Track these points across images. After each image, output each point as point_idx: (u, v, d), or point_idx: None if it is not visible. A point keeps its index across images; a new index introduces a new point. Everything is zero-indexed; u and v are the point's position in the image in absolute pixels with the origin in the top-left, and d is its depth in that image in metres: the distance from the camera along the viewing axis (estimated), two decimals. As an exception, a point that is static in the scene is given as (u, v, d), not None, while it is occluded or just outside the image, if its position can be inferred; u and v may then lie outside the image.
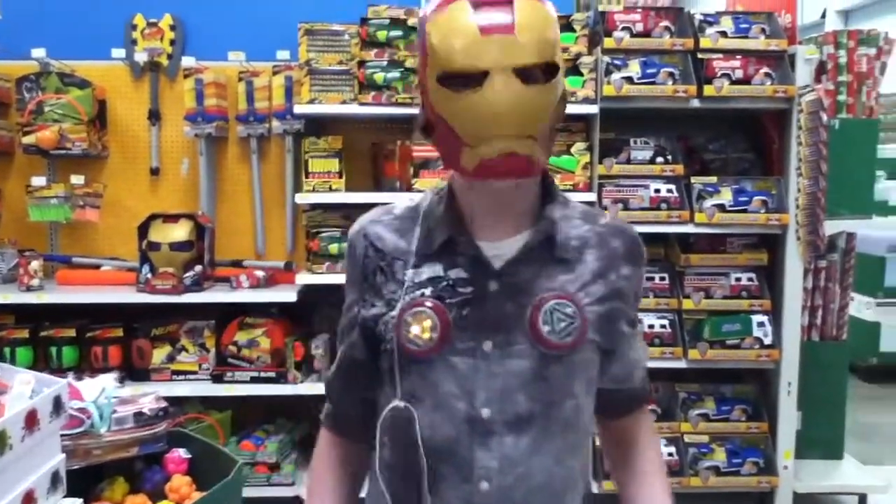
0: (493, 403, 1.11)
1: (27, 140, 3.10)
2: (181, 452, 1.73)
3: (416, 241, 1.17)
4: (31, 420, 1.19)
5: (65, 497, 1.30)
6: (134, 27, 3.32)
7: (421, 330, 1.10)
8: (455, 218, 1.15)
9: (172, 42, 3.34)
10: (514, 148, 1.04)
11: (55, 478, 1.26)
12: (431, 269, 1.14)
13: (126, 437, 1.64)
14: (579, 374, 1.14)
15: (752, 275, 3.16)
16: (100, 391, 1.62)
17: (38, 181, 3.12)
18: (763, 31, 3.04)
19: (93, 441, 1.59)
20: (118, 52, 3.27)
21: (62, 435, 1.45)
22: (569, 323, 1.10)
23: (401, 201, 1.25)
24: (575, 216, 1.20)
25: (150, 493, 1.72)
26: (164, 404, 1.72)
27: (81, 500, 1.29)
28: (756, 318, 3.11)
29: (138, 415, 1.66)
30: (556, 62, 1.08)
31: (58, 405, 1.25)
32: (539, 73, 1.06)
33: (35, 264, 3.02)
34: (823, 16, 8.34)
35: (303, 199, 3.04)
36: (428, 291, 1.12)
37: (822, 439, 3.34)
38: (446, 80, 1.06)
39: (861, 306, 5.42)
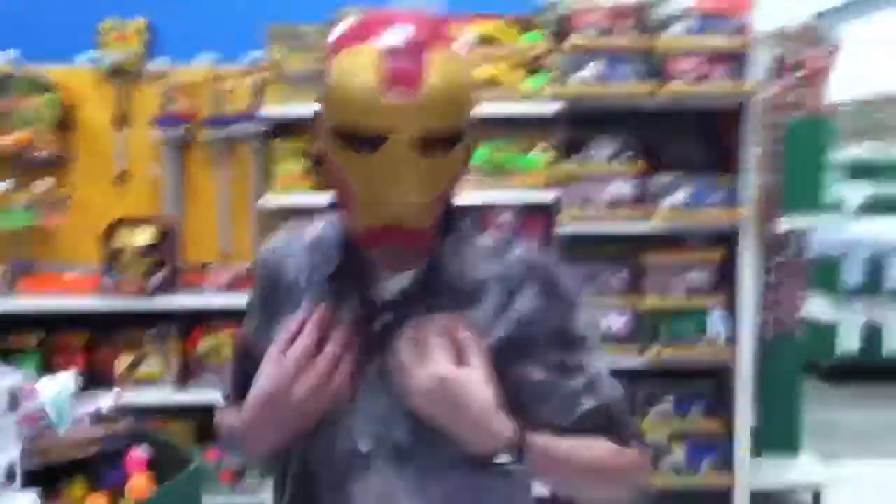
0: (373, 434, 1.07)
1: (-8, 145, 3.10)
2: (141, 451, 1.75)
3: (311, 270, 1.14)
4: (-15, 415, 1.21)
5: (20, 491, 1.32)
6: (103, 31, 3.32)
7: None
8: (349, 250, 1.11)
9: (144, 44, 3.34)
10: (401, 220, 1.00)
11: (10, 472, 1.29)
12: (328, 297, 1.11)
13: (85, 436, 1.66)
14: None
15: (709, 272, 3.20)
16: (58, 389, 1.64)
17: (2, 186, 3.11)
18: (721, 30, 3.09)
19: (50, 440, 1.61)
20: (86, 56, 3.28)
21: (20, 433, 1.47)
22: None
23: (309, 226, 1.21)
24: (479, 254, 1.13)
25: (111, 492, 1.74)
26: (123, 403, 1.74)
27: (36, 493, 1.31)
28: (712, 315, 3.15)
29: (97, 413, 1.68)
30: (463, 130, 1.02)
31: (14, 400, 1.28)
32: (442, 141, 0.99)
33: (-2, 271, 3.01)
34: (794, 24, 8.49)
35: (270, 201, 3.06)
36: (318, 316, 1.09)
37: (779, 435, 3.39)
38: (340, 131, 1.00)
39: (819, 306, 5.52)
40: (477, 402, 1.02)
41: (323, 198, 1.19)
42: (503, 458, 1.04)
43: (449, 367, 1.02)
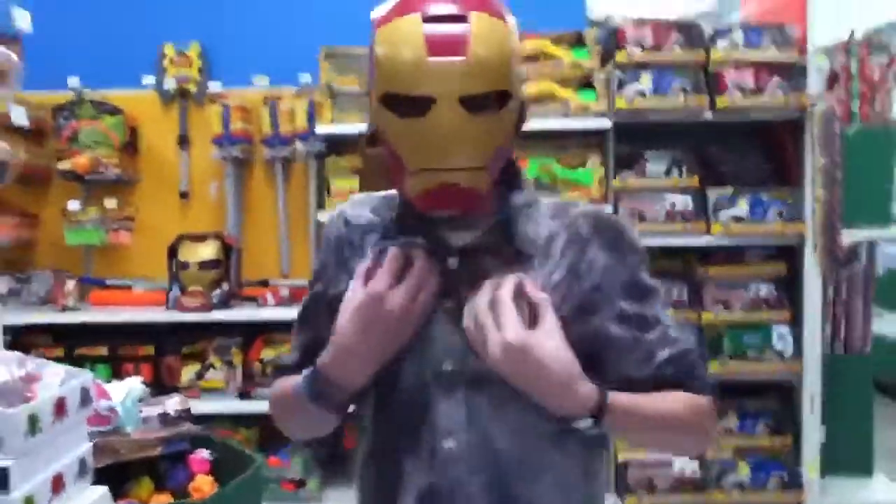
0: (454, 357, 1.09)
1: (63, 166, 3.24)
2: (204, 453, 1.80)
3: (385, 220, 1.17)
4: (61, 407, 1.26)
5: (92, 485, 1.37)
6: (163, 56, 3.46)
7: None
8: (413, 210, 1.13)
9: (200, 69, 3.47)
10: (457, 180, 1.02)
11: (83, 465, 1.33)
12: (396, 241, 1.13)
13: (151, 437, 1.71)
14: None
15: (772, 286, 3.15)
16: (126, 392, 1.69)
17: (74, 205, 3.25)
18: (774, 42, 3.08)
19: (119, 440, 1.66)
20: (148, 80, 3.43)
21: (91, 433, 1.53)
22: None
23: (372, 196, 1.25)
24: (542, 211, 1.15)
25: (174, 492, 1.79)
26: (187, 406, 1.78)
27: (106, 488, 1.36)
28: (776, 330, 3.10)
29: (163, 416, 1.73)
30: (509, 90, 1.03)
31: (85, 396, 1.33)
32: (490, 100, 1.01)
33: (70, 285, 3.14)
34: (852, 35, 8.37)
35: (325, 217, 3.12)
36: (398, 249, 1.10)
37: (849, 455, 3.29)
38: (389, 100, 1.02)
39: (890, 323, 5.35)
40: (555, 367, 1.01)
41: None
42: (584, 422, 1.04)
43: (525, 334, 1.01)
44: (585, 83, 3.06)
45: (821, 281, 3.09)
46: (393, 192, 1.19)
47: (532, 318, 1.03)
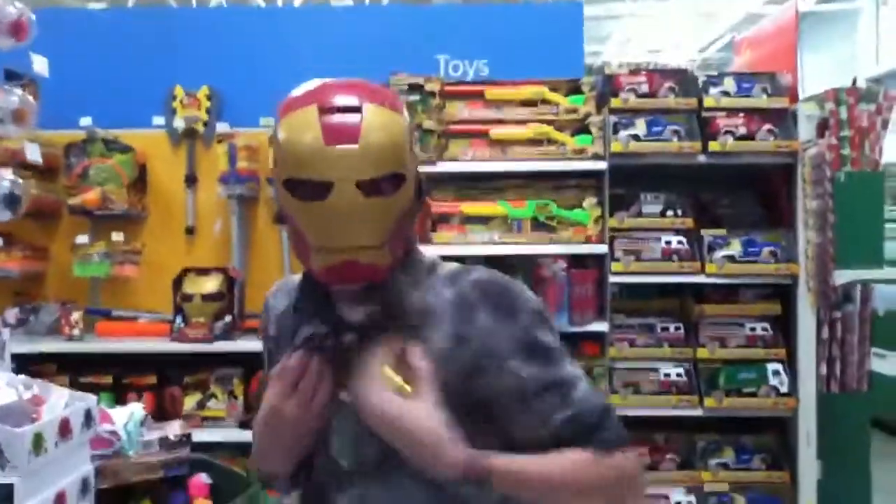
0: (349, 453, 1.18)
1: (73, 201, 3.33)
2: (203, 477, 1.84)
3: (294, 309, 1.25)
4: (65, 428, 1.32)
5: (93, 505, 1.41)
6: (174, 97, 3.57)
7: None
8: (319, 287, 1.19)
9: (208, 110, 3.58)
10: (357, 257, 1.08)
11: (85, 485, 1.38)
12: (307, 330, 1.20)
13: (152, 460, 1.76)
14: None
15: (767, 325, 3.21)
16: (128, 416, 1.75)
17: (82, 239, 3.33)
18: (765, 90, 3.17)
19: (121, 462, 1.71)
20: (159, 120, 3.54)
21: (94, 455, 1.58)
22: None
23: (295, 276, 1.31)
24: (436, 282, 1.19)
25: (174, 516, 1.83)
26: (188, 431, 1.84)
27: (108, 507, 1.40)
28: (771, 367, 3.14)
29: (163, 440, 1.79)
30: (403, 172, 1.09)
31: (89, 418, 1.38)
32: (385, 183, 1.08)
33: (76, 315, 3.20)
34: (854, 84, 8.54)
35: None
36: (298, 353, 1.17)
37: (847, 491, 3.30)
38: (292, 184, 1.08)
39: (894, 363, 5.34)
40: (422, 433, 1.06)
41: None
42: (460, 485, 1.08)
43: (396, 402, 1.07)
44: (582, 128, 3.16)
45: (815, 320, 3.14)
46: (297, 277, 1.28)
47: (410, 384, 1.09)
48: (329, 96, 1.09)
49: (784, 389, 3.12)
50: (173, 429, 1.83)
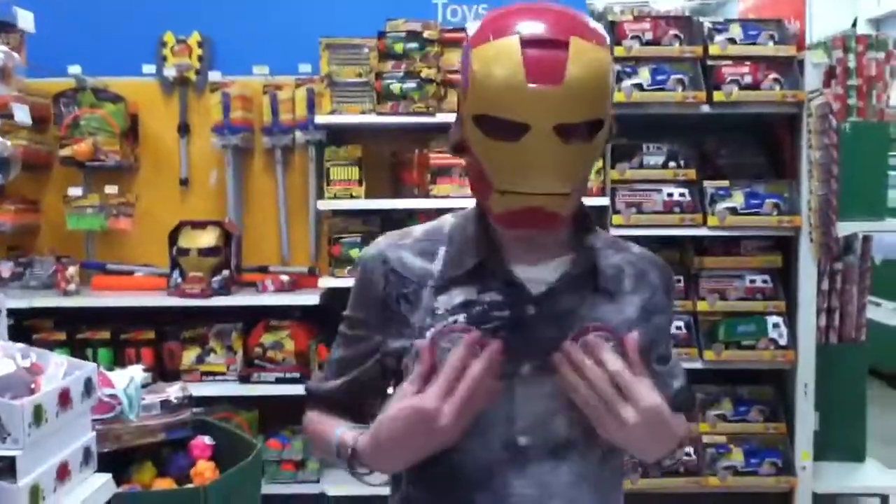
0: (532, 430, 1.07)
1: (64, 153, 3.26)
2: (205, 439, 1.84)
3: (443, 264, 1.12)
4: (65, 398, 1.29)
5: (95, 473, 1.40)
6: (164, 44, 3.46)
7: None
8: (487, 240, 1.11)
9: (200, 58, 3.48)
10: (542, 204, 1.00)
11: (87, 453, 1.37)
12: (463, 293, 1.09)
13: (153, 423, 1.75)
14: None
15: (767, 277, 3.20)
16: (129, 380, 1.73)
17: (75, 192, 3.27)
18: (772, 37, 3.09)
19: (122, 426, 1.70)
20: (149, 68, 3.44)
21: (94, 420, 1.57)
22: None
23: (417, 226, 1.20)
24: (605, 246, 1.16)
25: (176, 477, 1.83)
26: (189, 393, 1.82)
27: (110, 475, 1.39)
28: (771, 320, 3.14)
29: (165, 402, 1.78)
30: (603, 118, 1.01)
31: (89, 387, 1.36)
32: (583, 129, 0.99)
33: (72, 270, 3.16)
34: (854, 24, 8.40)
35: (325, 206, 3.16)
36: (461, 317, 1.07)
37: (842, 441, 3.33)
38: (482, 120, 1.00)
39: (889, 312, 5.38)
40: (671, 420, 1.04)
41: (373, 202, 1.21)
42: (680, 451, 1.12)
43: (657, 398, 1.00)
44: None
45: (815, 272, 3.13)
46: (435, 224, 1.19)
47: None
48: (534, 27, 0.98)
49: (783, 342, 3.13)
50: (174, 391, 1.81)
